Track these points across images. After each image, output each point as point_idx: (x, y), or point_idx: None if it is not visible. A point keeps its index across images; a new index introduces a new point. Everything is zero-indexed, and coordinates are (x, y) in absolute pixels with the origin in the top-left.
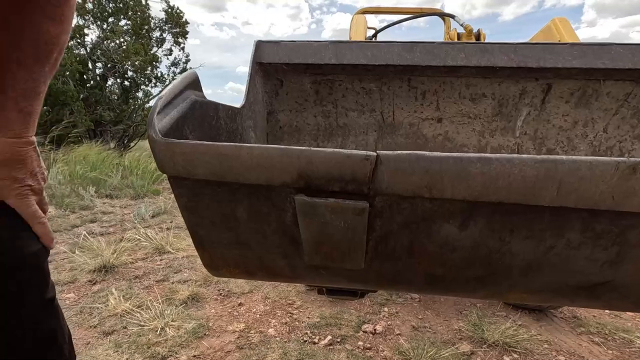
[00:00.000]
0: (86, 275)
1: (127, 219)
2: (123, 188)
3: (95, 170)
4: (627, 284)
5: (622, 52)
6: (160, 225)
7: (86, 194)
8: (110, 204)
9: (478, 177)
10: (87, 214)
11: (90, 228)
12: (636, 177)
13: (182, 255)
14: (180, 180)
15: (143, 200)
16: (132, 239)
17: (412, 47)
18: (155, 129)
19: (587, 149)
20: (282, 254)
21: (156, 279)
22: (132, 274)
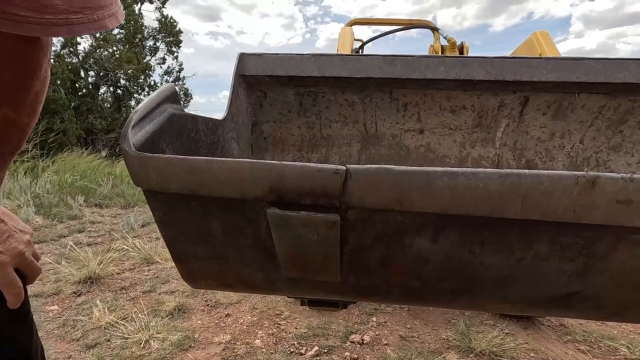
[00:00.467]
0: (71, 287)
1: (116, 229)
2: (113, 197)
3: (85, 179)
4: (600, 294)
5: (595, 67)
6: (150, 235)
7: (75, 203)
8: (99, 214)
9: (446, 191)
10: (75, 223)
11: (78, 238)
12: (595, 191)
13: (171, 266)
14: (155, 194)
15: (133, 210)
16: (119, 249)
17: (393, 61)
18: (129, 143)
19: (565, 159)
20: (259, 267)
21: (143, 290)
22: (118, 285)
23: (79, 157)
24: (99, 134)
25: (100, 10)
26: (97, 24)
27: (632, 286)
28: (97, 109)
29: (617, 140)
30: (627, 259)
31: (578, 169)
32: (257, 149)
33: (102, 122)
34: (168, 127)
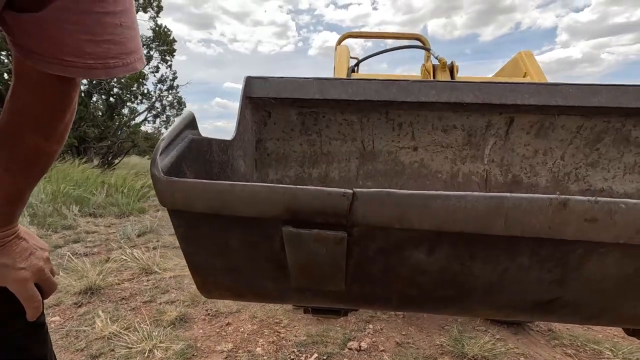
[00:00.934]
0: (71, 298)
1: (112, 239)
2: (107, 206)
3: (79, 188)
4: (576, 300)
5: (571, 92)
6: (147, 244)
7: (69, 212)
8: (94, 223)
9: (440, 211)
10: (70, 233)
11: (74, 248)
12: (567, 211)
13: (169, 276)
14: (180, 213)
15: (128, 219)
16: (117, 259)
17: (389, 85)
18: (158, 168)
19: (548, 175)
20: (271, 278)
21: (143, 300)
22: (119, 296)
23: (72, 165)
24: (91, 142)
25: (132, 55)
26: (129, 67)
27: (603, 293)
28: (89, 118)
29: (595, 157)
30: (597, 269)
31: (560, 184)
32: (261, 165)
33: (94, 130)
34: (188, 151)
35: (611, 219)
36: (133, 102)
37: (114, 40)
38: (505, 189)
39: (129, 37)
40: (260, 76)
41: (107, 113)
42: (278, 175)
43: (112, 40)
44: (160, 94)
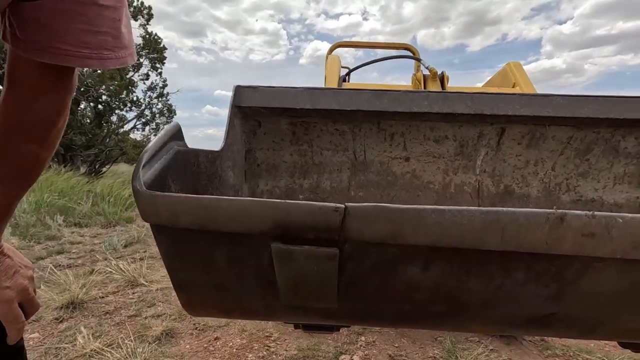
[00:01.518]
0: (52, 313)
1: (98, 250)
2: (93, 216)
3: (64, 197)
4: (572, 315)
5: (562, 103)
6: (133, 255)
7: (53, 223)
8: (79, 233)
9: (435, 226)
10: (53, 244)
11: (57, 260)
12: (563, 226)
13: (156, 288)
14: (163, 228)
15: (115, 229)
16: (102, 271)
17: (381, 95)
18: (140, 182)
19: (539, 185)
20: (259, 295)
21: (128, 314)
22: (102, 310)
23: (58, 174)
24: (78, 150)
25: (125, 49)
26: (121, 60)
27: (599, 307)
28: (76, 125)
29: (585, 168)
30: (593, 284)
31: (551, 194)
32: (251, 175)
33: (81, 138)
34: (174, 163)
35: (608, 233)
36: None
37: (111, 33)
38: (497, 200)
39: (124, 32)
40: (249, 85)
41: (95, 120)
42: (268, 186)
43: (109, 32)
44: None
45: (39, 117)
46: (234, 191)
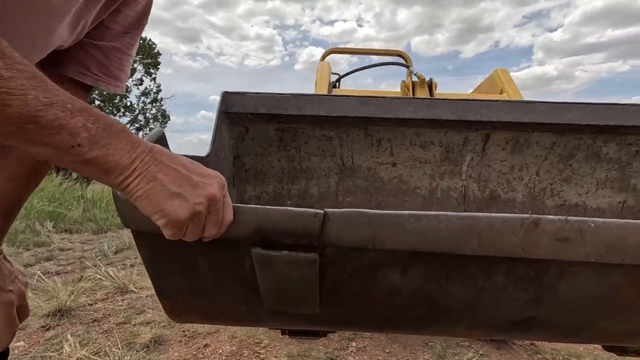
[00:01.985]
0: (39, 321)
1: (88, 256)
2: (84, 222)
3: (54, 203)
4: (552, 318)
5: (544, 109)
6: (124, 262)
7: (43, 229)
8: (69, 240)
9: (412, 231)
10: (42, 251)
11: (46, 267)
12: (538, 231)
13: (146, 295)
14: (144, 234)
15: (106, 235)
16: (91, 278)
17: (367, 101)
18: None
19: (524, 190)
20: (243, 301)
21: (117, 322)
22: (91, 317)
23: (48, 180)
24: None
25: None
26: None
27: (578, 311)
28: None
29: (568, 173)
30: (570, 288)
31: (536, 199)
32: (239, 181)
33: None
34: None
35: (582, 238)
36: (115, 115)
37: (126, 70)
38: (483, 205)
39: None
40: (237, 91)
41: None
42: (256, 192)
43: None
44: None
45: None
46: None
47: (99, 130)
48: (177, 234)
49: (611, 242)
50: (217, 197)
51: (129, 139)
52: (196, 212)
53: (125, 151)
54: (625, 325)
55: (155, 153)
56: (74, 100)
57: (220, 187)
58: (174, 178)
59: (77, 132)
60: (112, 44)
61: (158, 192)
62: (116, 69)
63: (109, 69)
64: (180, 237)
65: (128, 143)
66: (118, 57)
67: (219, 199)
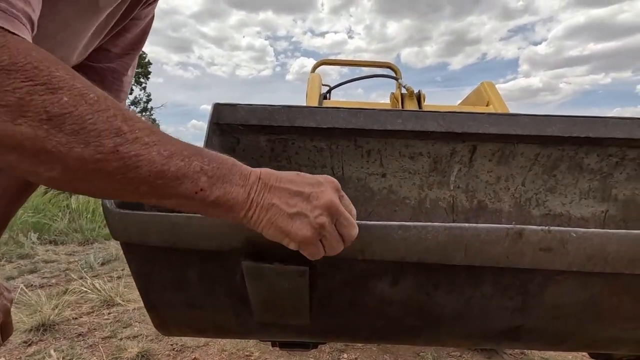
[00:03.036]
0: (21, 336)
1: (73, 268)
2: (70, 233)
3: (39, 214)
4: (539, 327)
5: (528, 122)
6: (110, 273)
7: (27, 240)
8: (54, 251)
9: (401, 242)
10: (26, 263)
11: (29, 280)
12: (522, 241)
13: (133, 307)
14: (133, 247)
15: (92, 246)
16: (77, 290)
17: (357, 113)
18: (110, 200)
19: (510, 200)
20: (233, 313)
21: (102, 336)
22: (75, 332)
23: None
24: None
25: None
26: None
27: (563, 319)
28: None
29: (552, 183)
30: (555, 297)
31: (522, 209)
32: None
33: None
34: None
35: (564, 247)
36: None
37: (125, 90)
38: (471, 215)
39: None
40: (228, 103)
41: None
42: None
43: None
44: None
45: None
46: None
47: (215, 170)
48: (315, 253)
49: (592, 251)
50: (334, 202)
51: (240, 172)
52: (319, 224)
53: (240, 186)
54: (609, 333)
55: (264, 178)
56: (187, 145)
57: (334, 190)
58: (288, 198)
59: (197, 178)
60: (109, 65)
61: (279, 218)
62: (114, 90)
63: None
64: (322, 253)
65: (241, 177)
66: (116, 77)
67: (337, 203)
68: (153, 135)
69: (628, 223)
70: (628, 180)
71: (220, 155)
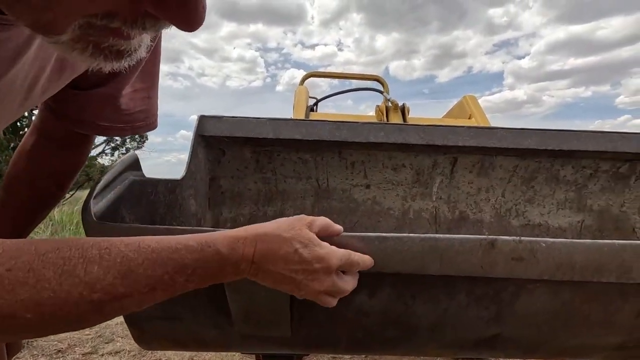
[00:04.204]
0: None
1: None
2: None
3: None
4: (515, 335)
5: (506, 135)
6: None
7: None
8: None
9: (378, 253)
10: None
11: None
12: (495, 251)
13: (116, 322)
14: None
15: None
16: None
17: (340, 126)
18: (90, 213)
19: (491, 211)
20: (214, 325)
21: (83, 352)
22: (54, 348)
23: None
24: None
25: (153, 116)
26: (151, 126)
27: (537, 327)
28: None
29: (531, 194)
30: (528, 305)
31: (502, 219)
32: (214, 203)
33: None
34: (128, 193)
35: (534, 257)
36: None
37: (143, 110)
38: (453, 225)
39: (153, 103)
40: (214, 115)
41: None
42: (232, 214)
43: (141, 110)
44: None
45: (65, 167)
46: (196, 219)
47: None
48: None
49: (560, 260)
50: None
51: (231, 262)
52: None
53: (232, 274)
54: (582, 340)
55: (258, 262)
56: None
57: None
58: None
59: (184, 288)
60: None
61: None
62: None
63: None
64: None
65: (233, 267)
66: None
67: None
68: (127, 278)
69: (603, 232)
70: (602, 191)
71: (207, 251)
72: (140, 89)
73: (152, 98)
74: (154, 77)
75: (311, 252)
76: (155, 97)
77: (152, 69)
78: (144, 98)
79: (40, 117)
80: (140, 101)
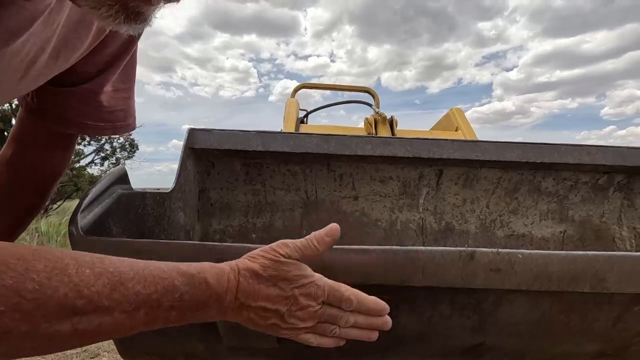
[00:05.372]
0: None
1: None
2: None
3: None
4: (498, 344)
5: (489, 148)
6: None
7: None
8: None
9: (362, 265)
10: None
11: None
12: (474, 262)
13: None
14: None
15: None
16: None
17: (328, 139)
18: (77, 227)
19: (476, 222)
20: (200, 338)
21: None
22: None
23: None
24: None
25: (132, 117)
26: (129, 127)
27: (519, 336)
28: None
29: (515, 205)
30: (508, 314)
31: (487, 230)
32: (204, 215)
33: None
34: (116, 207)
35: (512, 268)
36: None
37: (123, 109)
38: (440, 236)
39: (132, 105)
40: (203, 128)
41: None
42: (221, 225)
43: (122, 109)
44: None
45: (47, 172)
46: (184, 231)
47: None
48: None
49: (537, 271)
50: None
51: (216, 295)
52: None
53: (214, 308)
54: (562, 348)
55: (241, 298)
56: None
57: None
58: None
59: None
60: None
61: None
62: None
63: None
64: None
65: (216, 300)
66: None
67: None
68: (115, 290)
69: (585, 242)
70: (582, 202)
71: (196, 278)
72: (120, 89)
73: (131, 99)
74: (132, 80)
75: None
76: (134, 99)
77: (131, 71)
78: (125, 98)
79: (19, 125)
80: (122, 100)
